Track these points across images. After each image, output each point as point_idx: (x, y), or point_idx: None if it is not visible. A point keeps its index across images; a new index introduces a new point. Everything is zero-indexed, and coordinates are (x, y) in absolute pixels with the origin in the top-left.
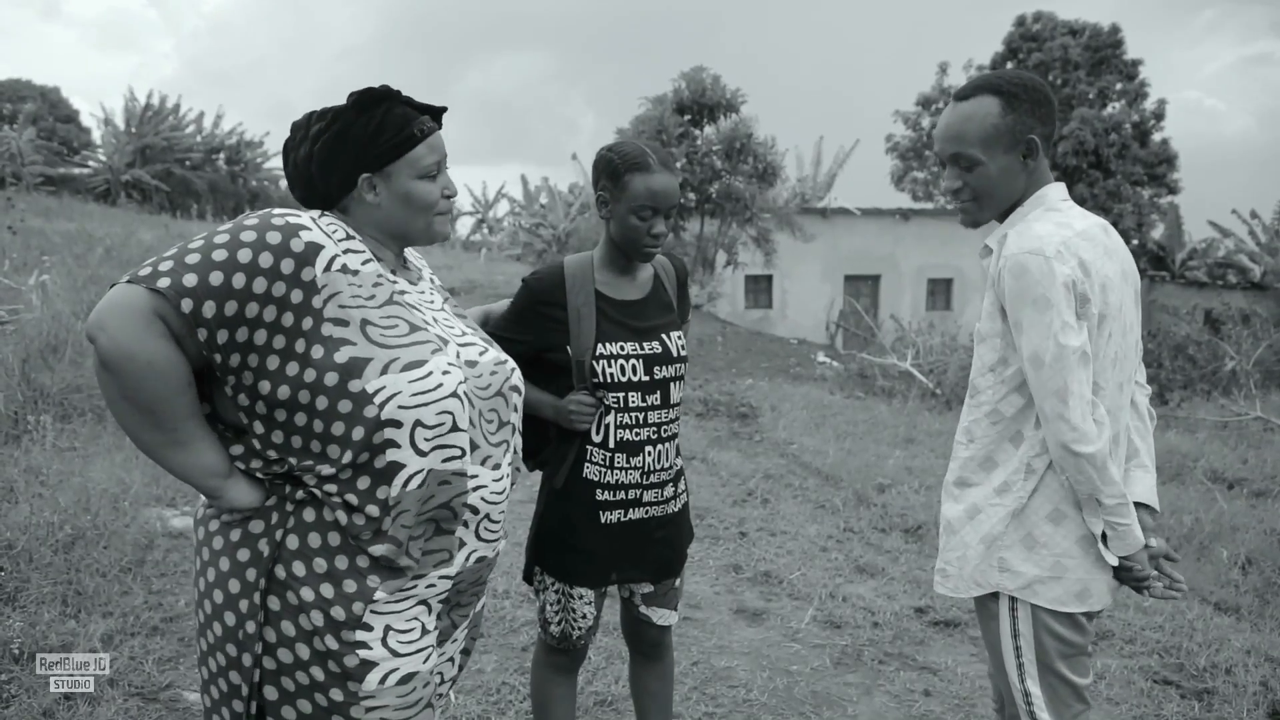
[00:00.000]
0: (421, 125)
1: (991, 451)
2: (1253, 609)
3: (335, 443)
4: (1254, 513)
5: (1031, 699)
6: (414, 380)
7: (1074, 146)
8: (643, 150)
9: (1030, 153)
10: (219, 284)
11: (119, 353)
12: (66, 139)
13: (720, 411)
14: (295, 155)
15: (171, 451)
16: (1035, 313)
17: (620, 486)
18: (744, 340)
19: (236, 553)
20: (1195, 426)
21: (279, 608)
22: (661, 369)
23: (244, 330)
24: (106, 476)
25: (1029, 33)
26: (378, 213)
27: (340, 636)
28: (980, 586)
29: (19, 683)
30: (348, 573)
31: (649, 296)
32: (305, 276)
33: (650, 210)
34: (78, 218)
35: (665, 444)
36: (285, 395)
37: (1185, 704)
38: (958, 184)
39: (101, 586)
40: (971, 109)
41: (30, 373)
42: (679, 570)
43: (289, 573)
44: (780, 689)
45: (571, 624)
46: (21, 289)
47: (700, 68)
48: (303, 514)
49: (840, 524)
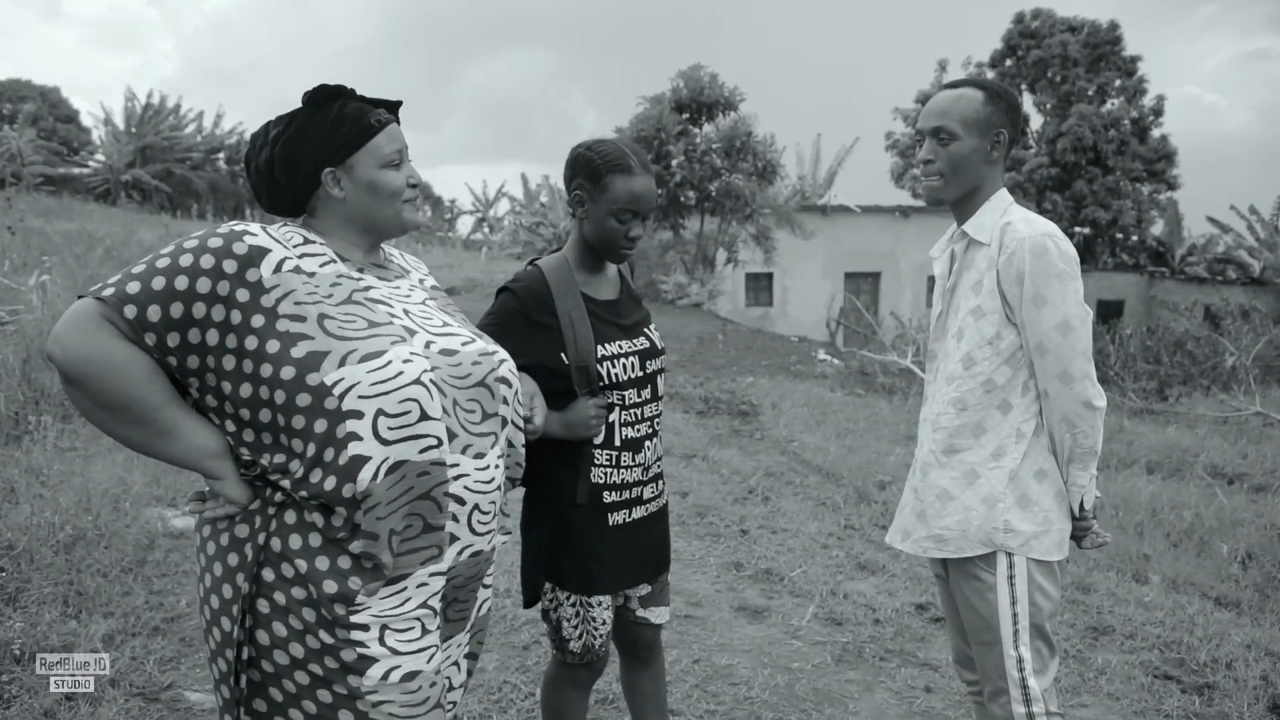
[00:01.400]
0: (378, 116)
1: (982, 419)
2: (1253, 604)
3: (298, 436)
4: (1254, 508)
5: (1024, 664)
6: (372, 370)
7: (1073, 143)
8: (623, 151)
9: (996, 145)
10: (161, 287)
11: (74, 359)
12: (66, 139)
13: (721, 409)
14: (256, 162)
15: (162, 443)
16: (1061, 285)
17: (625, 485)
18: (744, 338)
19: (227, 557)
20: (1195, 422)
21: (268, 610)
22: (651, 363)
23: (195, 331)
24: (107, 477)
25: (1028, 30)
26: (345, 207)
27: (335, 633)
28: (985, 546)
29: (20, 683)
30: (328, 574)
31: (623, 294)
32: (250, 277)
33: (630, 214)
34: (78, 218)
35: (657, 437)
36: (247, 393)
37: (1186, 699)
38: (931, 156)
39: (102, 587)
40: (959, 93)
41: (31, 373)
42: (669, 565)
43: (277, 574)
44: (781, 686)
45: (593, 634)
46: (22, 289)
47: (698, 66)
48: (284, 516)
49: (841, 521)
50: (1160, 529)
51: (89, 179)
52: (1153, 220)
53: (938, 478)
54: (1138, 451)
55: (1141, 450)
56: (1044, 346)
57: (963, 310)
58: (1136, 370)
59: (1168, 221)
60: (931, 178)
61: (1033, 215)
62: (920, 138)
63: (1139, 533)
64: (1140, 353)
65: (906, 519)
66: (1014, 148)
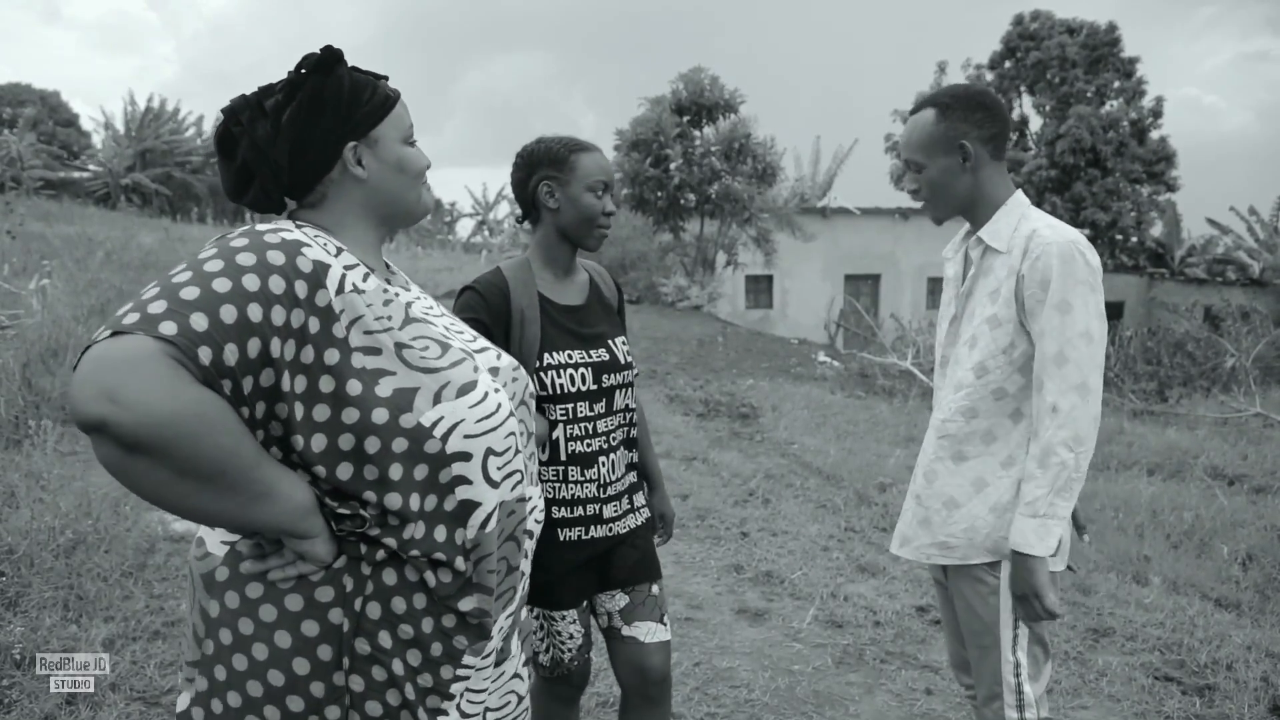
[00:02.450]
0: (389, 87)
1: (991, 426)
2: (1253, 605)
3: (395, 490)
4: (1254, 509)
5: (1020, 669)
6: (474, 405)
7: (1072, 144)
8: (571, 136)
9: (966, 155)
10: (234, 320)
11: (155, 422)
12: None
13: (721, 412)
14: (251, 138)
15: (255, 509)
16: (1088, 293)
17: (576, 502)
18: (744, 340)
19: (301, 625)
20: (1195, 423)
21: (363, 687)
22: (609, 376)
23: (269, 373)
24: (107, 481)
25: (1027, 31)
26: (365, 190)
27: (427, 704)
28: (992, 554)
29: (20, 687)
30: (433, 635)
31: (590, 301)
32: (320, 301)
33: (604, 185)
34: (78, 222)
35: (616, 453)
36: (321, 446)
37: (1186, 700)
38: (914, 185)
39: (103, 591)
40: (916, 120)
41: (31, 377)
42: (654, 573)
43: (374, 645)
44: (782, 689)
45: (559, 647)
46: (22, 293)
47: (699, 68)
48: (382, 577)
49: (841, 523)
50: (1160, 530)
51: (89, 183)
52: (1152, 222)
53: (944, 485)
54: (1138, 453)
55: (1142, 452)
56: (1065, 355)
57: (978, 318)
58: (1137, 371)
59: (1167, 223)
60: (924, 204)
61: (1056, 221)
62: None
63: (1139, 534)
64: (1140, 354)
65: (908, 525)
66: (996, 143)
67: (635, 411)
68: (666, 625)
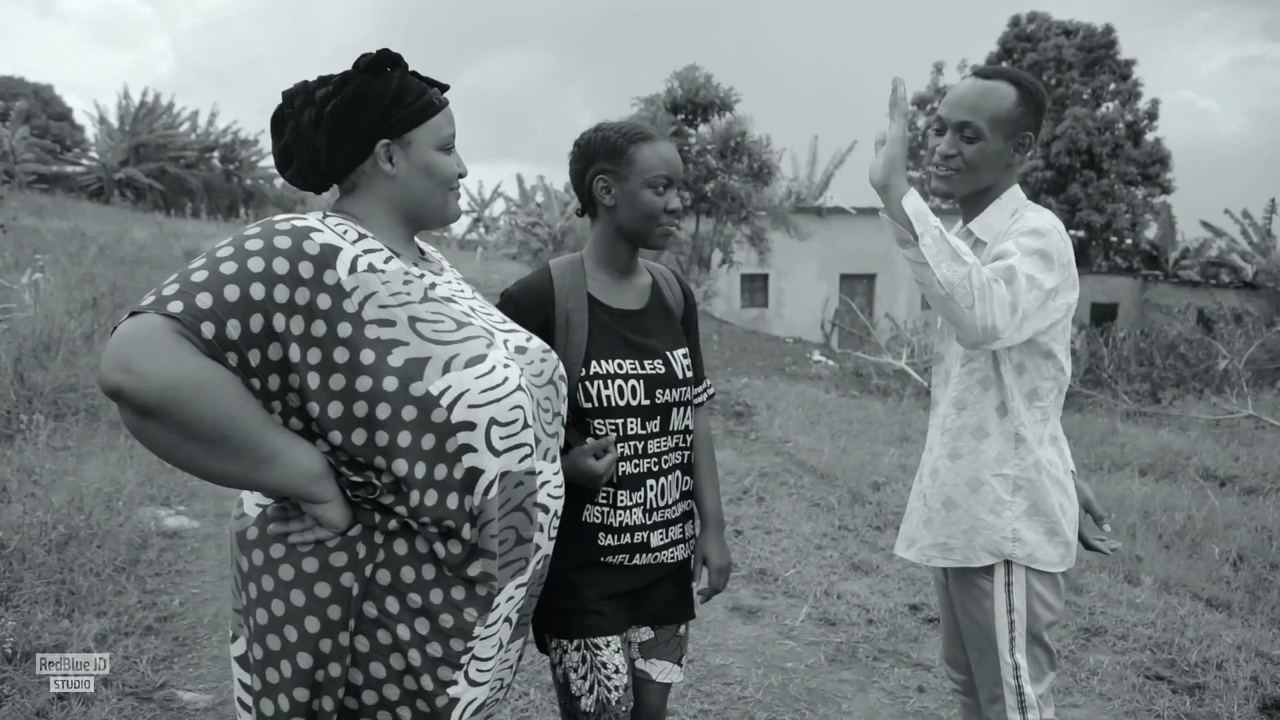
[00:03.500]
0: (438, 95)
1: (982, 420)
2: (1244, 605)
3: (402, 456)
4: (1245, 510)
5: (1019, 671)
6: (480, 376)
7: (1067, 146)
8: (636, 123)
9: (1020, 147)
10: (237, 298)
11: (160, 386)
12: (60, 137)
13: (716, 410)
14: (296, 122)
15: (263, 471)
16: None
17: (624, 529)
18: (740, 339)
19: (314, 586)
20: (1188, 425)
21: (368, 648)
22: (665, 393)
23: (276, 347)
24: (100, 475)
25: (1023, 33)
26: (392, 186)
27: (436, 675)
28: (993, 556)
29: (12, 682)
30: (443, 607)
31: (650, 306)
32: (328, 280)
33: (666, 180)
34: (71, 216)
35: (667, 477)
36: (338, 412)
37: (1177, 699)
38: (953, 151)
39: (95, 586)
40: (991, 89)
41: (23, 372)
42: (685, 616)
43: (381, 610)
44: (775, 686)
45: (605, 684)
46: (14, 288)
47: (693, 67)
48: (393, 546)
49: (835, 522)
50: (1152, 531)
51: (82, 177)
52: (1147, 224)
53: (944, 484)
54: (1131, 454)
55: (1134, 453)
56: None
57: None
58: (1130, 373)
59: (1161, 225)
60: (949, 172)
61: (1046, 212)
62: (940, 126)
63: (1131, 534)
64: (1134, 355)
65: (913, 526)
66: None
67: (694, 434)
68: (681, 666)
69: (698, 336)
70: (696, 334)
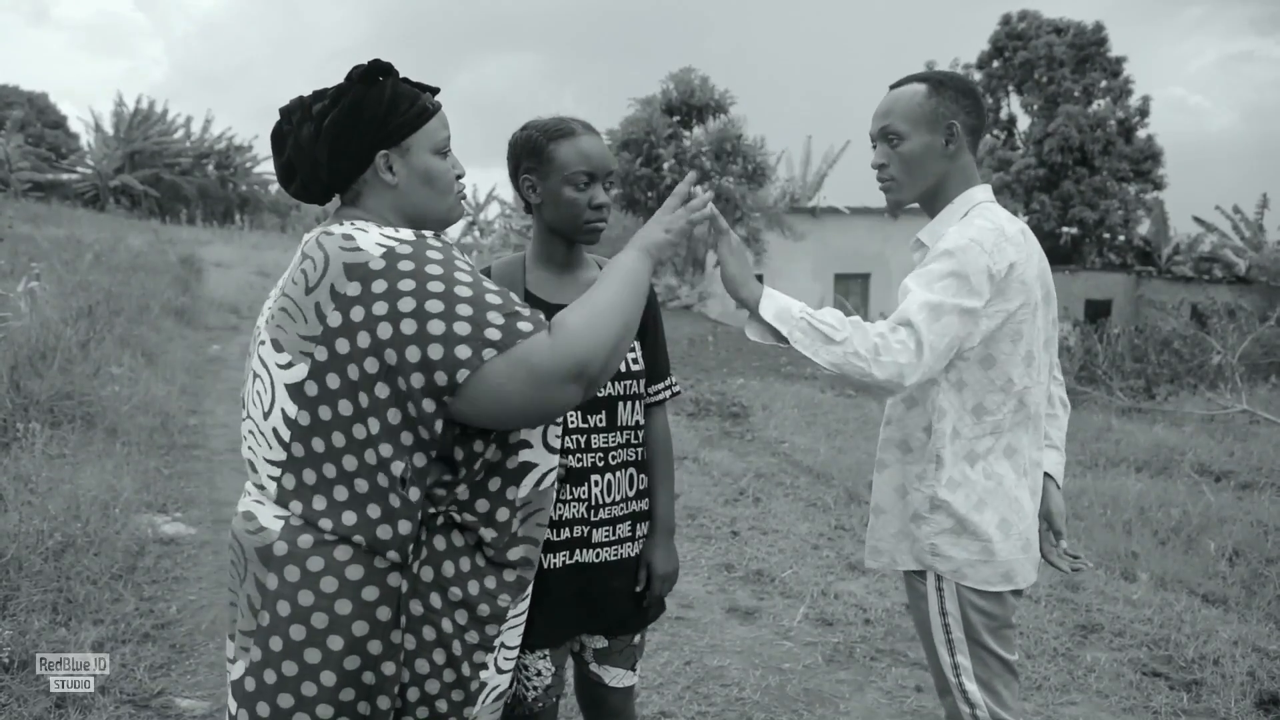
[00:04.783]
0: (430, 100)
1: (906, 436)
2: (1240, 600)
3: (479, 437)
4: (1240, 505)
5: (960, 670)
6: None
7: (1059, 143)
8: (560, 118)
9: (951, 137)
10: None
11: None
12: (54, 145)
13: (712, 411)
14: (296, 137)
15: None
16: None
17: (563, 523)
18: (735, 340)
19: (361, 591)
20: (1182, 420)
21: (415, 646)
22: (609, 385)
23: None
24: (97, 483)
25: (1014, 31)
26: (394, 194)
27: (473, 660)
28: (916, 562)
29: (10, 691)
30: (480, 597)
31: None
32: None
33: (585, 176)
34: (66, 224)
35: (614, 474)
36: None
37: (1174, 695)
38: (884, 160)
39: (92, 594)
40: (902, 92)
41: (19, 380)
42: (638, 627)
43: (426, 606)
44: (773, 687)
45: (525, 684)
46: (10, 296)
47: (689, 69)
48: (434, 542)
49: (832, 522)
50: (1148, 527)
51: (77, 184)
52: (1139, 220)
53: (876, 489)
54: (1126, 450)
55: (1129, 449)
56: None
57: None
58: (1124, 369)
59: (1154, 221)
60: (888, 182)
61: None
62: (872, 144)
63: (1127, 531)
64: (1128, 352)
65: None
66: (979, 136)
67: (651, 433)
68: (635, 671)
69: (659, 332)
70: (657, 330)
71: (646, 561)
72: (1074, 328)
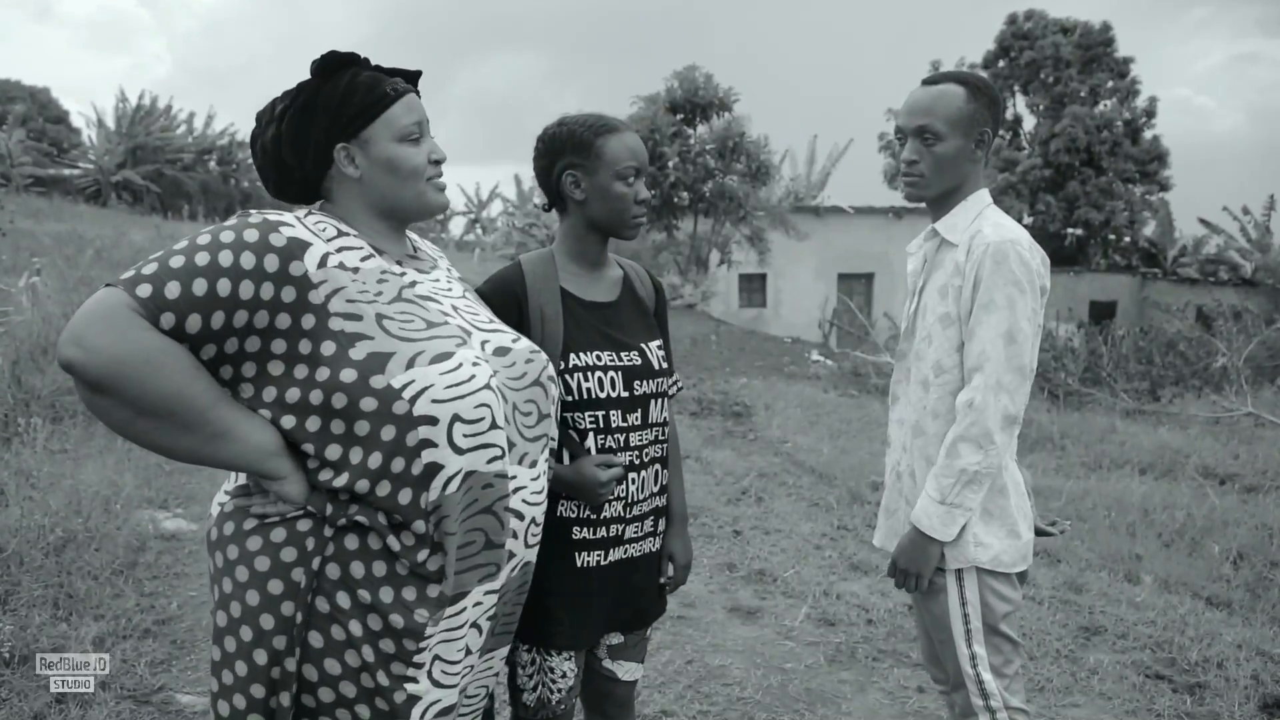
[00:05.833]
0: (394, 85)
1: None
2: (1244, 603)
3: (359, 444)
4: (1245, 508)
5: (977, 660)
6: (445, 373)
7: (1066, 144)
8: (600, 114)
9: (981, 143)
10: (202, 293)
11: (106, 361)
12: (56, 140)
13: (714, 410)
14: (263, 141)
15: (215, 446)
16: (1017, 293)
17: (601, 523)
18: (738, 339)
19: (267, 584)
20: (1187, 423)
21: (321, 644)
22: (643, 384)
23: (233, 341)
24: (98, 479)
25: (1020, 31)
26: (362, 188)
27: (390, 671)
28: (958, 563)
29: (10, 686)
30: (393, 606)
31: (622, 299)
32: (294, 271)
33: (635, 170)
34: (68, 219)
35: (646, 470)
36: (294, 398)
37: (1177, 698)
38: (916, 157)
39: (93, 589)
40: (941, 91)
41: (21, 375)
42: (655, 615)
43: (333, 605)
44: (774, 687)
45: (550, 688)
46: (11, 291)
47: (693, 67)
48: (344, 541)
49: (834, 522)
50: (1152, 529)
51: (79, 180)
52: (1145, 221)
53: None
54: (1130, 452)
55: (1134, 451)
56: (986, 354)
57: (930, 315)
58: (1129, 371)
59: (1160, 222)
60: (915, 178)
61: (1005, 221)
62: (902, 136)
63: (1131, 533)
64: (1133, 353)
65: (900, 523)
66: (992, 144)
67: (670, 427)
68: (643, 663)
69: (668, 330)
70: (667, 327)
71: (669, 552)
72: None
